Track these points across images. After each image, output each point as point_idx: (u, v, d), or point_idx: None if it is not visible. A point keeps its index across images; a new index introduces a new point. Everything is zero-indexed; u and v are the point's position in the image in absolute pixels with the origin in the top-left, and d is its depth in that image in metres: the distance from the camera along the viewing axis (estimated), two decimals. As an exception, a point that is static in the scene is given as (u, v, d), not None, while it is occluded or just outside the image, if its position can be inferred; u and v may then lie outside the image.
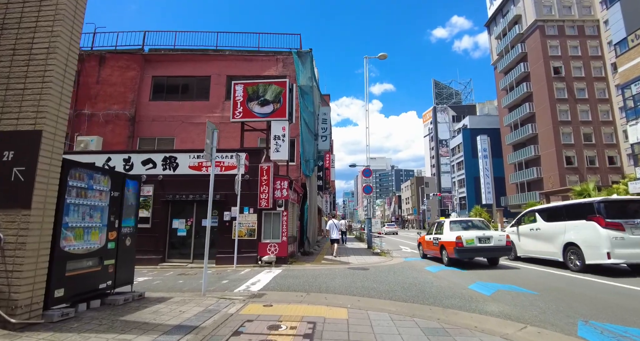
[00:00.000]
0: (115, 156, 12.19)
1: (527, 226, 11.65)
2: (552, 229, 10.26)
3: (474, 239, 10.15)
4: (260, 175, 11.20)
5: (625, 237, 8.28)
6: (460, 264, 10.82)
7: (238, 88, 12.15)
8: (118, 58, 16.49)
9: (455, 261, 10.84)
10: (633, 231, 8.34)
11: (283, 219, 11.13)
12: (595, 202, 9.10)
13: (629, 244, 8.21)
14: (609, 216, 8.63)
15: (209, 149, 6.56)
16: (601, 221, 8.60)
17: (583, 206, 9.57)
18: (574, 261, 9.27)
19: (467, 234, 10.31)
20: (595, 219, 8.77)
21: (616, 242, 8.27)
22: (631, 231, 8.33)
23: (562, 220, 10.04)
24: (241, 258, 10.71)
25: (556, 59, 43.68)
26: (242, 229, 11.06)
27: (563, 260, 9.70)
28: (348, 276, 8.60)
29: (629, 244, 8.21)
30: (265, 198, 10.99)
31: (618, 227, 8.41)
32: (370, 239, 17.92)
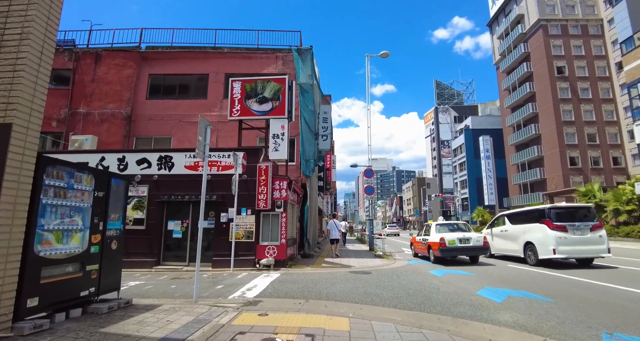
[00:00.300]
0: (109, 156, 11.82)
1: (498, 228, 13.41)
2: (516, 231, 12.14)
3: (455, 240, 11.64)
4: (258, 175, 10.81)
5: (568, 237, 10.23)
6: (446, 262, 11.69)
7: (236, 85, 11.78)
8: (114, 56, 16.15)
9: (440, 259, 12.29)
10: (574, 231, 10.30)
11: (282, 221, 10.74)
12: (546, 208, 11.12)
13: (570, 243, 10.19)
14: (555, 220, 10.55)
15: (202, 146, 6.17)
16: (549, 224, 10.52)
17: (538, 211, 11.57)
18: (531, 257, 11.12)
19: (450, 235, 11.82)
20: (545, 222, 10.70)
21: (560, 241, 10.17)
22: (572, 232, 10.29)
23: (523, 223, 11.92)
24: (238, 261, 10.31)
25: (559, 58, 43.25)
26: (239, 231, 10.66)
27: (524, 256, 11.54)
28: (350, 280, 8.19)
29: (570, 242, 10.19)
30: (263, 199, 10.60)
31: (562, 229, 10.32)
32: (372, 241, 17.50)
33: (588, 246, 10.27)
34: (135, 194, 11.47)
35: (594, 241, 10.31)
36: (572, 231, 10.33)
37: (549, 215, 10.77)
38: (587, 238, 10.31)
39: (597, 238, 10.36)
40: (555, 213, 10.82)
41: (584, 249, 10.28)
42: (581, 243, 10.25)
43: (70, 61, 15.98)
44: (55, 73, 16.36)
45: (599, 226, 10.59)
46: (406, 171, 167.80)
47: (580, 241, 10.25)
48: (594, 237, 10.34)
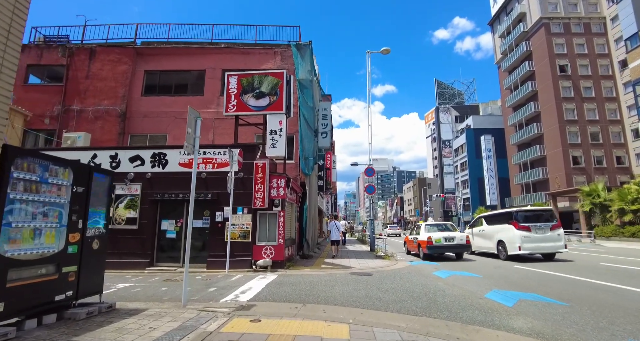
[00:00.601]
0: (101, 153, 11.43)
1: (477, 228, 14.96)
2: (491, 231, 13.71)
3: (441, 239, 13.10)
4: (255, 173, 10.41)
5: (531, 236, 11.91)
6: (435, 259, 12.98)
7: (232, 80, 11.38)
8: (109, 51, 15.76)
9: (428, 256, 13.49)
10: (536, 231, 11.97)
11: (280, 220, 10.33)
12: (513, 211, 12.91)
13: (533, 240, 11.87)
14: (521, 221, 12.19)
15: (191, 139, 5.77)
16: (516, 225, 12.18)
17: (508, 214, 13.24)
18: (502, 253, 12.78)
19: (436, 235, 13.28)
20: (513, 223, 12.33)
21: (525, 239, 11.88)
22: (535, 231, 11.96)
23: (496, 224, 13.49)
24: (234, 262, 9.91)
25: (562, 57, 42.82)
26: (235, 230, 10.25)
27: (497, 252, 13.11)
28: (350, 283, 7.78)
29: (533, 240, 11.87)
30: (260, 197, 10.19)
31: (527, 229, 11.98)
32: (373, 242, 17.09)
33: (548, 243, 11.97)
34: (128, 192, 11.08)
35: (554, 238, 12.02)
36: (534, 230, 11.99)
37: (516, 217, 12.46)
38: (547, 236, 12.00)
39: (556, 236, 12.05)
40: (521, 215, 12.53)
41: (544, 246, 11.96)
42: (542, 241, 11.93)
43: (64, 57, 15.59)
44: (48, 69, 16.01)
45: (558, 226, 12.26)
46: (407, 172, 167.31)
47: (541, 239, 11.94)
48: (553, 235, 12.04)
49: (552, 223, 12.24)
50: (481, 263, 12.14)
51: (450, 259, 13.34)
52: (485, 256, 14.20)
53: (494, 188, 50.38)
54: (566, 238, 13.00)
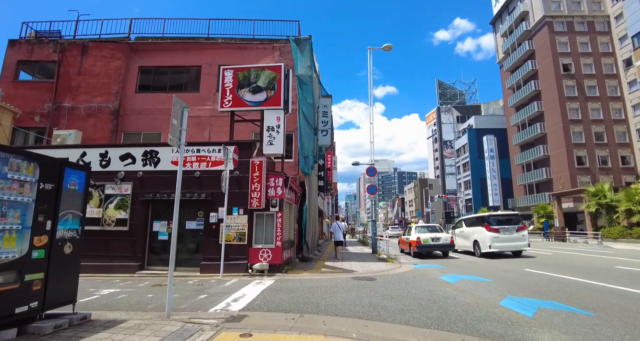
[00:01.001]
0: (90, 151, 10.91)
1: (458, 229, 17.13)
2: (468, 232, 15.76)
3: (429, 239, 14.76)
4: (251, 171, 9.86)
5: (499, 236, 13.77)
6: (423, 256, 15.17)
7: (227, 74, 10.84)
8: (102, 47, 15.25)
9: (418, 254, 15.14)
10: (504, 232, 13.83)
11: (277, 222, 9.78)
12: (486, 216, 15.16)
13: (501, 240, 13.79)
14: (491, 224, 14.08)
15: (176, 132, 5.24)
16: (487, 227, 14.04)
17: (481, 218, 15.42)
18: (477, 251, 14.72)
19: (425, 235, 14.90)
20: (485, 226, 14.19)
21: (494, 239, 13.74)
22: (503, 233, 13.82)
23: (473, 226, 15.54)
24: (229, 265, 9.35)
25: (565, 55, 42.28)
26: (230, 232, 9.70)
27: (473, 250, 15.14)
28: (352, 289, 7.22)
29: (501, 240, 13.78)
30: (256, 197, 9.64)
31: (496, 231, 13.85)
32: (375, 244, 16.52)
33: (514, 242, 13.94)
34: (118, 192, 10.54)
35: (519, 239, 13.94)
36: (502, 232, 13.84)
37: (488, 221, 14.37)
38: (513, 237, 13.89)
39: (521, 236, 13.97)
40: (492, 219, 14.50)
41: (511, 245, 13.97)
42: (509, 241, 13.87)
43: (55, 53, 15.09)
44: (39, 65, 15.51)
45: (523, 228, 14.21)
46: (408, 173, 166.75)
47: (508, 239, 13.85)
48: (518, 236, 13.94)
49: (518, 225, 14.18)
50: (489, 266, 11.59)
51: (456, 261, 13.13)
52: (465, 253, 16.43)
53: (497, 188, 49.78)
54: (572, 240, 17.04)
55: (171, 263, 5.04)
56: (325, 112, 14.22)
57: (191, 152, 10.39)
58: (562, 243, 26.13)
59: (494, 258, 13.92)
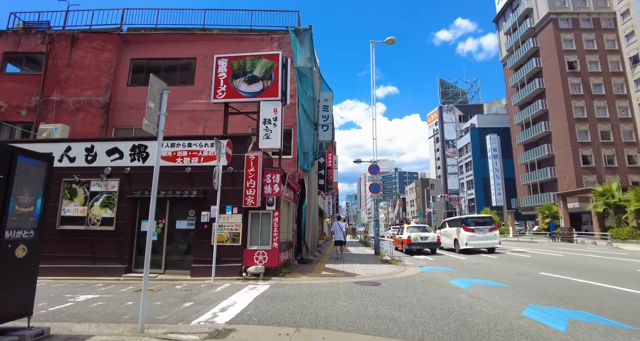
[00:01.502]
0: (75, 145, 10.22)
1: (443, 229, 19.83)
2: (451, 231, 18.26)
3: (418, 237, 16.84)
4: (246, 167, 9.16)
5: (475, 235, 16.20)
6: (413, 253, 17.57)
7: (221, 63, 10.15)
8: (92, 38, 14.57)
9: (409, 251, 17.24)
10: (479, 232, 16.26)
11: (274, 221, 9.07)
12: (464, 218, 17.80)
13: (476, 239, 16.18)
14: (467, 225, 16.58)
15: (154, 116, 4.56)
16: (464, 228, 16.51)
17: (460, 219, 17.90)
18: (457, 247, 17.00)
19: (414, 234, 17.00)
20: (463, 226, 16.65)
21: (470, 237, 16.14)
22: (477, 232, 16.24)
23: (453, 227, 18.02)
24: (221, 268, 8.66)
25: (570, 53, 41.52)
26: (223, 233, 9.00)
27: (454, 247, 17.47)
28: (355, 296, 6.51)
29: (476, 238, 16.17)
30: (251, 195, 8.94)
31: (472, 230, 16.28)
32: (377, 245, 15.81)
33: (487, 240, 16.41)
34: (104, 189, 9.85)
35: (491, 237, 16.50)
36: (477, 231, 16.36)
37: (465, 222, 17.01)
38: (486, 236, 16.40)
39: (493, 235, 16.57)
40: (469, 221, 17.15)
41: (484, 242, 16.38)
42: (483, 239, 16.37)
43: (44, 44, 14.41)
44: (26, 57, 14.84)
45: (495, 229, 16.95)
46: (409, 173, 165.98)
47: (482, 237, 16.35)
48: (491, 235, 16.50)
49: (490, 226, 16.82)
50: (500, 269, 10.87)
51: (461, 262, 12.39)
52: (448, 251, 18.45)
53: (500, 188, 49.00)
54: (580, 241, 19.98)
55: (146, 268, 4.35)
56: (326, 107, 13.50)
57: (182, 146, 9.71)
58: (569, 244, 25.39)
59: (499, 256, 13.71)
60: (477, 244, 16.27)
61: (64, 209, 9.84)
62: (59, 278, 8.95)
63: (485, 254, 16.21)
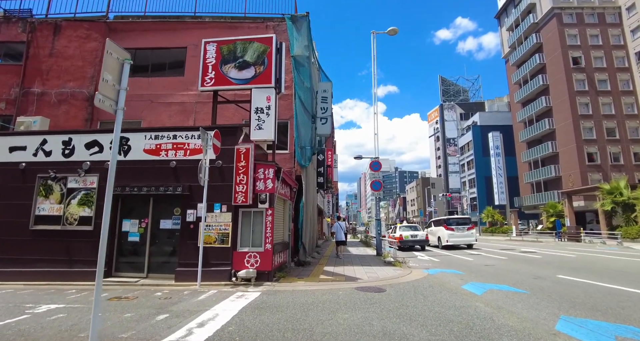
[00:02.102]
0: (52, 138, 9.39)
1: (429, 229, 22.19)
2: (435, 230, 20.82)
3: (408, 236, 18.91)
4: (236, 160, 8.32)
5: (454, 234, 18.83)
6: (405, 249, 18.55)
7: (210, 48, 9.30)
8: (77, 27, 13.71)
9: (401, 248, 18.55)
10: (457, 231, 18.91)
11: (267, 220, 8.24)
12: (445, 219, 20.70)
13: (456, 236, 18.83)
14: (448, 225, 19.32)
15: (110, 90, 3.74)
16: (446, 227, 19.22)
17: (442, 220, 20.72)
18: (440, 244, 19.66)
19: (405, 233, 19.15)
20: (444, 226, 19.43)
21: (450, 235, 18.78)
22: (457, 231, 18.91)
23: (437, 226, 20.65)
24: (209, 273, 7.82)
25: (575, 48, 40.64)
26: (210, 233, 8.16)
27: (437, 244, 20.19)
28: (358, 305, 5.67)
29: (456, 236, 18.81)
30: (242, 191, 8.10)
31: (451, 229, 18.93)
32: (379, 245, 14.98)
33: (465, 238, 19.00)
34: (83, 185, 9.02)
35: (468, 235, 19.11)
36: (456, 230, 18.92)
37: (447, 222, 19.77)
38: (464, 234, 19.02)
39: (470, 233, 19.19)
40: (451, 221, 19.94)
41: (462, 239, 18.93)
42: (461, 237, 18.90)
43: (25, 33, 13.56)
44: (6, 46, 13.97)
45: (472, 228, 19.66)
46: (409, 172, 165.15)
47: (460, 235, 18.90)
48: (468, 233, 19.09)
49: (468, 226, 19.61)
50: (513, 270, 10.04)
51: (470, 264, 11.72)
52: (434, 247, 20.79)
53: (503, 186, 48.11)
54: (587, 240, 23.27)
55: (98, 276, 3.51)
56: (324, 98, 12.62)
57: (166, 138, 8.87)
58: (577, 244, 24.55)
59: (508, 257, 12.85)
60: (456, 241, 19.11)
61: (39, 208, 9.01)
62: (29, 283, 8.12)
63: (493, 255, 15.40)
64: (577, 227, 28.63)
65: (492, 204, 48.43)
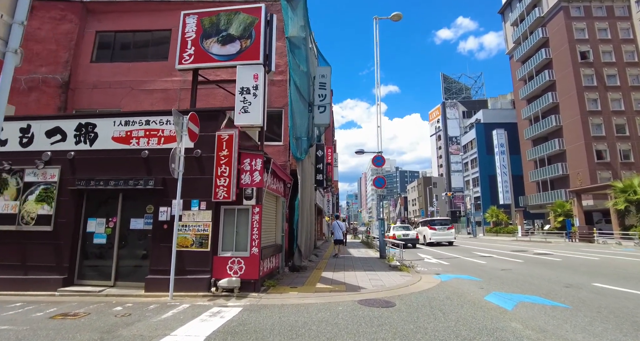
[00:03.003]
0: (8, 125, 8.15)
1: (418, 229, 26.19)
2: (421, 230, 24.84)
3: (401, 235, 21.04)
4: (217, 149, 7.09)
5: (436, 232, 22.70)
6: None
7: (190, 21, 8.04)
8: (50, 7, 12.48)
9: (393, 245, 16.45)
10: (439, 230, 22.80)
11: (253, 219, 6.99)
12: (429, 220, 26.84)
13: (437, 235, 22.70)
14: (431, 225, 23.51)
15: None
16: (429, 227, 23.29)
17: (427, 221, 25.62)
18: (425, 241, 23.36)
19: (398, 232, 21.80)
20: (428, 226, 23.61)
21: (432, 234, 22.71)
22: (438, 230, 22.80)
23: (423, 227, 24.83)
24: (184, 282, 6.59)
25: (583, 42, 39.37)
26: (187, 235, 6.93)
27: (423, 241, 23.75)
28: (362, 328, 4.42)
29: (437, 234, 22.68)
30: (224, 185, 6.86)
31: (434, 229, 22.89)
32: (383, 247, 13.73)
33: (445, 236, 22.58)
34: (42, 179, 7.78)
35: (448, 234, 22.68)
36: (438, 229, 22.66)
37: (430, 223, 23.98)
38: (445, 232, 22.67)
39: (450, 232, 22.80)
40: (434, 222, 24.27)
41: (443, 238, 22.52)
42: (442, 235, 22.53)
43: (-7, 14, 12.32)
44: (-28, 29, 12.70)
45: (451, 228, 23.31)
46: (410, 172, 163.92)
47: (441, 234, 22.54)
48: (448, 232, 22.70)
49: (448, 226, 23.26)
50: (539, 276, 8.79)
51: (484, 267, 10.52)
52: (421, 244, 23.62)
53: (508, 185, 46.82)
54: (601, 241, 23.99)
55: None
56: (323, 84, 11.35)
57: (138, 124, 7.63)
58: (590, 245, 23.29)
59: (525, 259, 11.94)
60: (438, 239, 22.79)
61: (-9, 205, 7.77)
62: (-27, 294, 6.88)
63: (506, 258, 14.17)
64: (590, 227, 27.31)
65: (497, 203, 47.13)
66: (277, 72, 11.55)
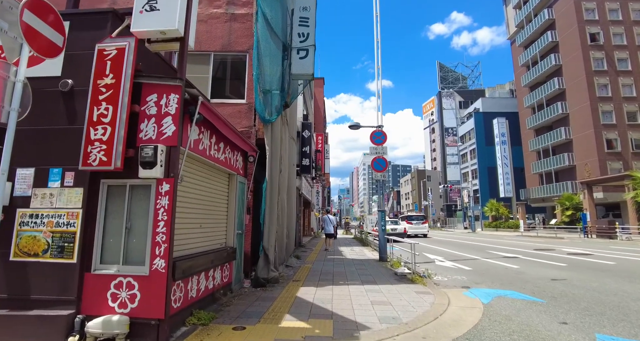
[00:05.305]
0: None
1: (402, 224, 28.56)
2: (402, 223, 26.69)
3: (389, 229, 19.21)
4: (95, 74, 3.84)
5: (412, 226, 26.94)
6: None
7: None
8: None
9: None
10: (414, 224, 27.41)
11: (160, 206, 3.78)
12: (407, 215, 32.40)
13: (413, 228, 26.67)
14: (409, 220, 28.47)
15: None
16: (407, 222, 27.71)
17: (406, 216, 31.28)
18: (404, 235, 22.41)
19: (387, 226, 18.99)
20: (406, 221, 28.14)
21: (409, 227, 26.21)
22: (413, 224, 27.37)
23: (403, 221, 28.36)
24: (20, 322, 3.38)
25: (592, 24, 36.57)
26: (37, 232, 3.70)
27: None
28: None
29: (413, 228, 26.74)
30: (102, 140, 3.64)
31: (410, 223, 27.44)
32: (384, 247, 10.63)
33: (420, 230, 27.12)
34: None
35: (422, 228, 27.42)
36: (414, 224, 27.27)
37: (408, 217, 29.52)
38: (419, 226, 27.27)
39: (424, 226, 27.70)
40: (410, 217, 29.54)
41: (418, 231, 26.84)
42: (417, 228, 26.90)
43: None
44: None
45: (425, 222, 28.62)
46: (402, 166, 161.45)
47: (416, 227, 26.93)
48: (422, 226, 27.51)
49: (422, 221, 28.27)
50: (610, 292, 5.81)
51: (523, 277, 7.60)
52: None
53: (509, 177, 44.24)
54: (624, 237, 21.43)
55: None
56: (304, 19, 7.96)
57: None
58: (611, 241, 20.60)
59: (568, 263, 9.26)
60: (413, 232, 25.95)
61: None
62: None
63: (539, 259, 11.28)
64: (611, 221, 24.63)
65: (497, 196, 44.57)
66: (240, 3, 8.29)
